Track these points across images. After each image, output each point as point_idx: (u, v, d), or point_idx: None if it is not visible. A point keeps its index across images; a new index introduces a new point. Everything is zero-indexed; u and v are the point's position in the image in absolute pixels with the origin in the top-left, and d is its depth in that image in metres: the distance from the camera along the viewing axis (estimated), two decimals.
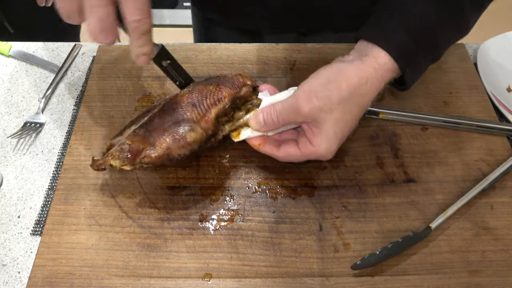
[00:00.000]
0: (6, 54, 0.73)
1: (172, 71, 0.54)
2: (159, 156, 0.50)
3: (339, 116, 0.49)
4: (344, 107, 0.49)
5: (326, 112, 0.49)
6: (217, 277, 0.51)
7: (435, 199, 0.57)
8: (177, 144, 0.51)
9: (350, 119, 0.50)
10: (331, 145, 0.51)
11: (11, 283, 0.51)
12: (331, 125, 0.50)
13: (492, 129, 0.62)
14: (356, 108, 0.50)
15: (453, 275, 0.51)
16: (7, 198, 0.58)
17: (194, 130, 0.51)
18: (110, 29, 0.44)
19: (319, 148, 0.51)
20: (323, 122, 0.50)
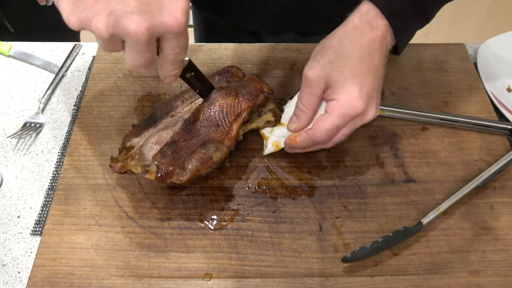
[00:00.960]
0: (6, 54, 0.73)
1: (195, 81, 0.53)
2: (189, 179, 0.52)
3: (340, 63, 0.49)
4: (339, 53, 0.50)
5: (326, 66, 0.50)
6: (217, 277, 0.51)
7: (435, 199, 0.57)
8: (204, 165, 0.53)
9: (355, 64, 0.50)
10: (351, 90, 0.49)
11: (11, 283, 0.51)
12: (337, 74, 0.49)
13: (491, 128, 0.62)
14: (355, 52, 0.50)
15: (453, 275, 0.51)
16: (7, 198, 0.58)
17: (219, 150, 0.53)
18: (151, 63, 0.43)
19: (341, 99, 0.49)
20: (330, 76, 0.50)
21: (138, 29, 0.37)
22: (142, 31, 0.37)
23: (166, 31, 0.39)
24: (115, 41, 0.40)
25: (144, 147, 0.54)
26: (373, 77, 0.50)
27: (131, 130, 0.57)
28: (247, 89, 0.56)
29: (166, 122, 0.56)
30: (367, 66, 0.50)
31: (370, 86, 0.50)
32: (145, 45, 0.39)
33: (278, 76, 0.68)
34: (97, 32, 0.38)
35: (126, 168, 0.53)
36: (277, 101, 0.63)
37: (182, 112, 0.57)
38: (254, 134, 0.62)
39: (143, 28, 0.37)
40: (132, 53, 0.41)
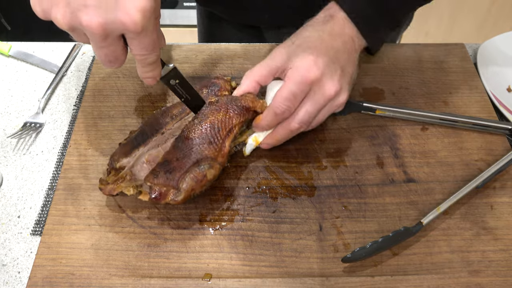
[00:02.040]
0: (6, 54, 0.73)
1: (179, 89, 0.53)
2: (184, 198, 0.51)
3: (297, 41, 0.54)
4: (301, 35, 0.54)
5: (289, 45, 0.54)
6: (217, 277, 0.51)
7: (435, 199, 0.57)
8: (199, 184, 0.52)
9: (313, 40, 0.53)
10: (309, 59, 0.51)
11: (11, 283, 0.51)
12: (297, 48, 0.53)
13: (491, 128, 0.62)
14: (315, 32, 0.54)
15: (453, 275, 0.51)
16: (7, 198, 0.58)
17: (213, 167, 0.52)
18: (116, 60, 0.44)
19: (297, 63, 0.52)
20: (291, 52, 0.53)
21: (90, 23, 0.38)
22: (95, 25, 0.38)
23: (122, 29, 0.40)
24: (78, 33, 0.42)
25: (135, 167, 0.53)
26: (332, 54, 0.52)
27: (119, 149, 0.55)
28: (238, 104, 0.54)
29: (156, 140, 0.55)
30: (326, 45, 0.52)
31: (328, 59, 0.52)
32: (101, 40, 0.40)
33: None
34: (56, 22, 0.40)
35: (117, 191, 0.51)
36: None
37: (172, 128, 0.56)
38: None
39: (96, 22, 0.38)
40: (93, 47, 0.43)
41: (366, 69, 0.69)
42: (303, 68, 0.51)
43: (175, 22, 1.79)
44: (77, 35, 0.42)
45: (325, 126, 0.63)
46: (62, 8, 0.39)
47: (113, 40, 0.42)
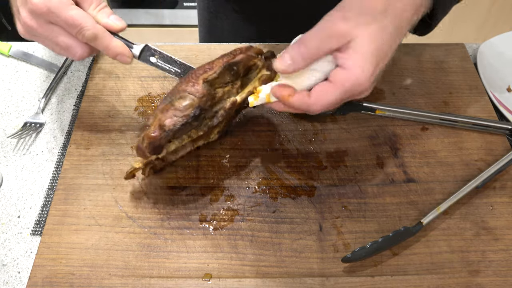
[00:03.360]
0: (6, 54, 0.73)
1: (164, 64, 0.54)
2: (154, 132, 0.48)
3: (376, 32, 0.45)
4: (380, 22, 0.45)
5: (362, 26, 0.44)
6: (217, 277, 0.51)
7: (435, 199, 0.57)
8: (168, 113, 0.49)
9: (387, 39, 0.46)
10: (369, 65, 0.45)
11: (11, 283, 0.51)
12: (368, 41, 0.45)
13: (491, 128, 0.62)
14: (393, 27, 0.46)
15: (453, 275, 0.51)
16: (7, 198, 0.58)
17: (182, 97, 0.49)
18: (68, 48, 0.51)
19: (353, 70, 0.45)
20: (359, 38, 0.45)
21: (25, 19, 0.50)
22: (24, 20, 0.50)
23: (37, 14, 0.48)
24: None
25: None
26: (387, 61, 0.47)
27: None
28: (227, 53, 0.53)
29: None
30: (392, 46, 0.47)
31: (382, 68, 0.47)
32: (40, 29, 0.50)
33: None
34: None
35: (133, 170, 0.53)
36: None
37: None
38: (253, 134, 0.62)
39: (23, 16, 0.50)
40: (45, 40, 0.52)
41: None
42: (358, 80, 0.45)
43: (175, 22, 1.79)
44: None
45: (325, 126, 0.63)
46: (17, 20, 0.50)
47: (49, 27, 0.49)
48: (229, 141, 0.61)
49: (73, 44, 0.50)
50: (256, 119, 0.64)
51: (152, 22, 1.79)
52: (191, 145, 0.58)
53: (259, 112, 0.65)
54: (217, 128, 0.58)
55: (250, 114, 0.64)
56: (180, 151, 0.58)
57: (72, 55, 0.51)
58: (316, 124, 0.63)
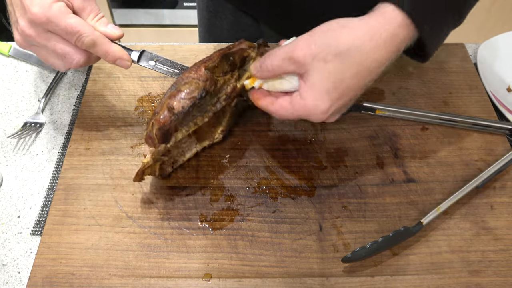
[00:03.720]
0: (6, 54, 0.73)
1: (162, 66, 0.57)
2: (164, 116, 0.50)
3: (334, 70, 0.45)
4: (341, 61, 0.44)
5: (320, 61, 0.45)
6: (217, 277, 0.51)
7: (435, 199, 0.57)
8: (174, 98, 0.51)
9: (347, 78, 0.45)
10: (322, 102, 0.46)
11: (11, 283, 0.51)
12: (323, 78, 0.45)
13: (491, 128, 0.62)
14: (356, 67, 0.45)
15: (453, 275, 0.51)
16: (7, 198, 0.58)
17: (187, 83, 0.51)
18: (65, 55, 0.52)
19: (308, 103, 0.46)
20: (315, 73, 0.45)
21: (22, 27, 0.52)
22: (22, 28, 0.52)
23: (37, 23, 0.50)
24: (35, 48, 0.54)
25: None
26: (356, 94, 0.47)
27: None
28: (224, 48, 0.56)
29: None
30: (356, 84, 0.46)
31: (344, 104, 0.48)
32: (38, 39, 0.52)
33: None
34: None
35: (143, 166, 0.53)
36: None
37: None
38: (253, 134, 0.62)
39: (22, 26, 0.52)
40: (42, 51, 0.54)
41: None
42: (312, 111, 0.47)
43: (175, 22, 1.79)
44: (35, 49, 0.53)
45: (325, 126, 0.63)
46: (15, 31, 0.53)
47: (47, 35, 0.50)
48: (229, 141, 0.62)
49: (71, 51, 0.51)
50: (256, 119, 0.64)
51: (152, 22, 1.79)
52: (196, 145, 0.58)
53: (259, 112, 0.64)
54: (220, 127, 0.59)
55: (250, 114, 0.64)
56: (187, 152, 0.58)
57: (69, 63, 0.52)
58: (316, 124, 0.63)
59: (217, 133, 0.59)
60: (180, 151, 0.57)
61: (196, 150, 0.58)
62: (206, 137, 0.59)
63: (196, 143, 0.58)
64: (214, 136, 0.59)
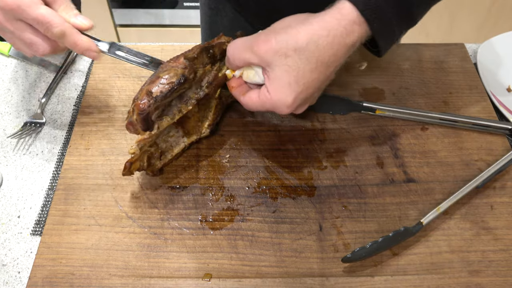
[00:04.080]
0: (6, 54, 0.73)
1: (134, 58, 0.58)
2: (143, 99, 0.50)
3: (294, 65, 0.47)
4: (299, 55, 0.47)
5: (281, 57, 0.47)
6: (217, 277, 0.51)
7: (435, 199, 0.57)
8: (154, 84, 0.51)
9: (307, 72, 0.47)
10: (286, 96, 0.48)
11: (11, 283, 0.51)
12: (284, 72, 0.47)
13: (491, 128, 0.62)
14: (315, 61, 0.47)
15: (453, 275, 0.51)
16: (7, 198, 0.58)
17: (166, 70, 0.52)
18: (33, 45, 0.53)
19: (273, 96, 0.49)
20: (277, 67, 0.47)
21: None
22: None
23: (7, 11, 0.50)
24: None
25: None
26: (318, 87, 0.49)
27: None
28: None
29: None
30: (317, 77, 0.48)
31: (307, 97, 0.50)
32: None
33: None
34: None
35: (132, 157, 0.53)
36: None
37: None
38: (253, 134, 0.62)
39: None
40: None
41: (366, 69, 0.69)
42: (277, 104, 0.49)
43: (175, 22, 1.79)
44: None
45: (325, 126, 0.63)
46: None
47: (16, 23, 0.51)
48: (229, 141, 0.62)
49: (38, 41, 0.52)
50: (256, 119, 0.64)
51: (152, 22, 1.79)
52: (184, 139, 0.59)
53: (259, 112, 0.65)
54: (206, 121, 0.60)
55: (250, 114, 0.64)
56: (175, 147, 0.58)
57: (35, 51, 0.53)
58: (316, 124, 0.63)
59: (204, 127, 0.60)
60: (168, 145, 0.58)
61: (184, 145, 0.59)
62: (193, 132, 0.59)
63: (183, 136, 0.59)
64: (201, 131, 0.60)
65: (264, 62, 0.48)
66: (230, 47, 0.52)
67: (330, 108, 0.64)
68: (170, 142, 0.58)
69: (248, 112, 0.64)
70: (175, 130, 0.57)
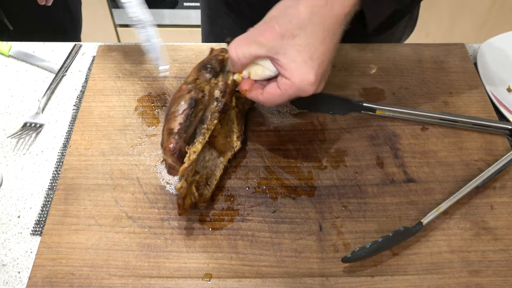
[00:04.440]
0: (6, 54, 0.73)
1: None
2: (169, 143, 0.50)
3: (304, 42, 0.47)
4: (306, 31, 0.47)
5: (288, 39, 0.47)
6: (217, 277, 0.51)
7: (435, 199, 0.57)
8: (170, 121, 0.51)
9: (317, 44, 0.47)
10: (307, 75, 0.47)
11: (11, 283, 0.51)
12: (296, 52, 0.47)
13: (491, 128, 0.62)
14: (321, 31, 0.47)
15: (453, 275, 0.51)
16: (7, 198, 0.58)
17: (174, 103, 0.52)
18: None
19: (294, 80, 0.48)
20: (288, 50, 0.47)
21: None
22: None
23: None
24: None
25: None
26: (330, 58, 0.49)
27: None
28: None
29: None
30: (327, 48, 0.48)
31: (326, 68, 0.49)
32: None
33: None
34: None
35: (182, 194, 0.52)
36: None
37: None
38: (253, 134, 0.62)
39: None
40: None
41: (366, 69, 0.69)
42: (301, 86, 0.48)
43: (175, 22, 1.79)
44: None
45: (325, 126, 0.63)
46: None
47: None
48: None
49: None
50: (256, 119, 0.64)
51: None
52: (221, 159, 0.58)
53: (259, 112, 0.65)
54: (234, 134, 0.59)
55: (250, 114, 0.64)
56: (215, 170, 0.57)
57: None
58: (316, 124, 0.63)
59: (234, 141, 0.59)
60: (209, 170, 0.56)
61: (223, 165, 0.57)
62: (225, 149, 0.58)
63: (219, 156, 0.58)
64: (233, 146, 0.59)
65: (273, 51, 0.48)
66: (232, 46, 0.50)
67: (330, 108, 0.64)
68: (210, 167, 0.56)
69: (248, 112, 0.64)
70: (209, 154, 0.57)
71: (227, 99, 0.56)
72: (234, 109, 0.59)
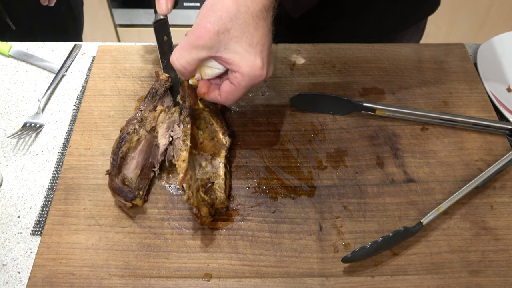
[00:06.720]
0: (6, 54, 0.73)
1: (166, 47, 0.58)
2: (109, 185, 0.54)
3: (239, 32, 0.48)
4: (238, 22, 0.48)
5: (224, 34, 0.48)
6: (217, 277, 0.51)
7: (435, 199, 0.57)
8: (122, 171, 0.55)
9: (252, 30, 0.48)
10: (252, 61, 0.48)
11: (11, 283, 0.51)
12: (235, 44, 0.48)
13: (491, 128, 0.62)
14: (252, 18, 0.48)
15: (453, 275, 0.51)
16: (7, 198, 0.58)
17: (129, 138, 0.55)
18: None
19: (242, 71, 0.49)
20: (227, 45, 0.48)
21: None
22: None
23: None
24: None
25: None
26: (268, 41, 0.50)
27: None
28: None
29: None
30: (263, 32, 0.49)
31: (268, 51, 0.50)
32: None
33: (278, 76, 0.68)
34: None
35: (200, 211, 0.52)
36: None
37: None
38: (253, 134, 0.62)
39: None
40: None
41: (366, 69, 0.69)
42: (252, 74, 0.49)
43: (175, 22, 1.79)
44: None
45: (325, 126, 0.63)
46: None
47: None
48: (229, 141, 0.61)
49: None
50: (256, 119, 0.64)
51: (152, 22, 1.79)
52: (218, 160, 0.58)
53: (259, 112, 0.65)
54: (217, 133, 0.59)
55: (250, 114, 0.64)
56: (218, 172, 0.57)
57: None
58: (316, 124, 0.63)
59: (221, 139, 0.59)
60: (211, 174, 0.56)
61: (224, 165, 0.57)
62: (217, 149, 0.58)
63: (215, 158, 0.57)
64: (223, 143, 0.59)
65: (213, 50, 0.49)
66: (174, 58, 0.51)
67: (330, 108, 0.64)
68: (211, 172, 0.56)
69: (248, 112, 0.64)
70: (203, 159, 0.57)
71: (190, 103, 0.56)
72: (205, 111, 0.59)
